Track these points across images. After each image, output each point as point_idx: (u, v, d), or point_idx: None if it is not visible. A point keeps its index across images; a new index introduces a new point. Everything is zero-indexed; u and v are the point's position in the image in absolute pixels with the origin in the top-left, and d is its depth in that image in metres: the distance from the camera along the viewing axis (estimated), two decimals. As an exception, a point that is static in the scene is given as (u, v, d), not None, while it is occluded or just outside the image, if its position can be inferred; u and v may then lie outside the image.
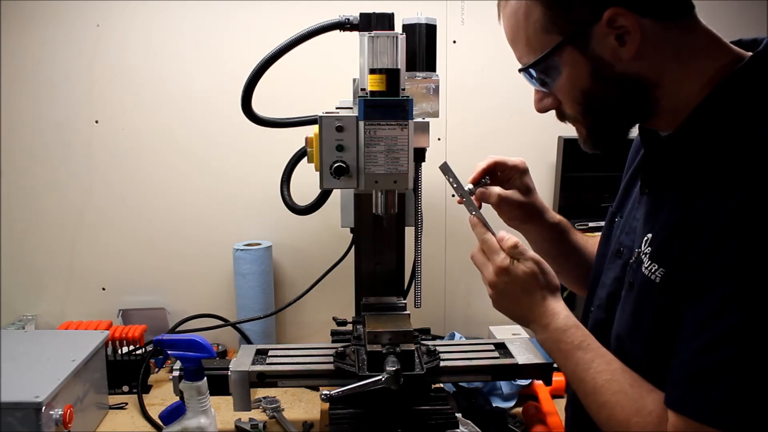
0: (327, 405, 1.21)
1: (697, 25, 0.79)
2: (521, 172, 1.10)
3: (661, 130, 0.84)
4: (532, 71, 0.83)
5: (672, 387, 0.72)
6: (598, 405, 0.80)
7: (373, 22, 1.23)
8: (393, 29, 1.23)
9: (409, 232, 1.46)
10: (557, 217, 1.15)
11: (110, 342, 1.60)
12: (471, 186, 1.05)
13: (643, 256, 0.81)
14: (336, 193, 1.55)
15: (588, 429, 0.90)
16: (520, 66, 0.85)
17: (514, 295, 0.91)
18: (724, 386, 0.66)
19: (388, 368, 1.10)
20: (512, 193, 1.08)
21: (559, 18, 0.78)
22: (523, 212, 1.08)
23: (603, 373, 0.80)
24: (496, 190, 1.06)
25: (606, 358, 0.82)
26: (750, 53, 0.77)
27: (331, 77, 1.73)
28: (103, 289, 1.90)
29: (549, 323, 0.88)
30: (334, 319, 1.47)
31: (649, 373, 0.78)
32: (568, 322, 0.87)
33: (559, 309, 0.89)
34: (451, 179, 1.02)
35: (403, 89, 1.09)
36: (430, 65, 1.29)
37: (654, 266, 0.78)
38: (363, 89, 1.12)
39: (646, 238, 0.82)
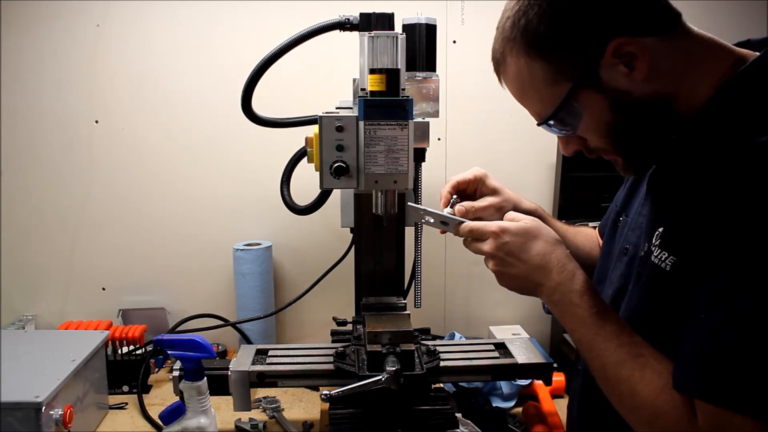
0: (327, 405, 1.21)
1: (690, 30, 0.79)
2: (483, 179, 1.10)
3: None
4: (552, 123, 0.83)
5: (680, 368, 0.71)
6: (620, 378, 0.77)
7: (373, 22, 1.23)
8: (393, 29, 1.23)
9: (409, 232, 1.46)
10: (532, 205, 1.14)
11: (110, 342, 1.61)
12: (449, 209, 1.04)
13: (653, 248, 0.81)
14: (336, 193, 1.55)
15: (599, 425, 0.90)
16: (537, 121, 0.85)
17: (515, 257, 0.88)
18: (735, 366, 0.65)
19: (388, 368, 1.10)
20: (486, 201, 1.08)
21: (564, 65, 0.78)
22: (501, 213, 1.06)
23: (627, 345, 0.78)
24: (470, 205, 1.05)
25: (627, 329, 0.80)
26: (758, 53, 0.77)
27: (331, 77, 1.73)
28: (103, 289, 1.90)
29: (562, 283, 0.85)
30: (334, 319, 1.47)
31: None
32: (587, 285, 0.85)
33: (571, 266, 0.87)
34: (423, 212, 1.01)
35: (403, 89, 1.09)
36: (430, 65, 1.29)
37: (664, 254, 0.78)
38: (363, 89, 1.12)
39: (657, 232, 0.82)
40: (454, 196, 1.08)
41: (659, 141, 0.81)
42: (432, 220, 1.01)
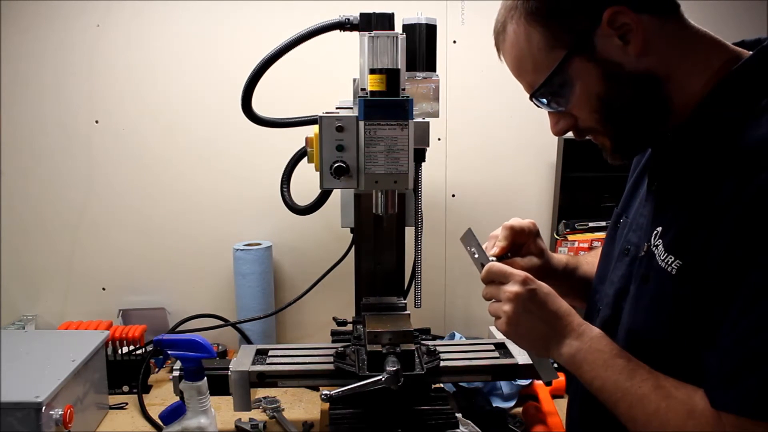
0: (327, 405, 1.21)
1: (687, 22, 0.80)
2: (534, 235, 1.06)
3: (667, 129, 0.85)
4: (544, 95, 0.83)
5: (711, 384, 0.71)
6: (648, 414, 0.77)
7: (373, 22, 1.23)
8: (393, 29, 1.23)
9: (409, 232, 1.46)
10: (563, 260, 1.12)
11: (110, 342, 1.60)
12: (494, 259, 1.00)
13: (654, 249, 0.81)
14: (336, 193, 1.55)
15: (600, 427, 0.90)
16: (529, 92, 0.85)
17: (540, 305, 0.87)
18: (762, 376, 0.65)
19: (388, 368, 1.10)
20: (532, 261, 1.05)
21: (560, 32, 0.79)
22: (540, 275, 1.02)
23: (648, 380, 0.78)
24: (522, 263, 1.02)
25: (645, 366, 0.80)
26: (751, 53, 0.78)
27: (331, 77, 1.73)
28: (103, 289, 1.90)
29: (584, 332, 0.85)
30: (334, 319, 1.47)
31: (668, 366, 0.78)
32: (602, 333, 0.86)
33: (586, 322, 0.88)
34: (473, 249, 0.98)
35: (403, 89, 1.09)
36: (430, 65, 1.29)
37: (670, 258, 0.78)
38: (363, 89, 1.12)
39: (655, 231, 0.82)
40: (509, 253, 1.03)
41: (648, 121, 0.81)
42: (476, 256, 0.99)
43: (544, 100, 0.85)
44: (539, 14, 0.80)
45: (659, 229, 0.82)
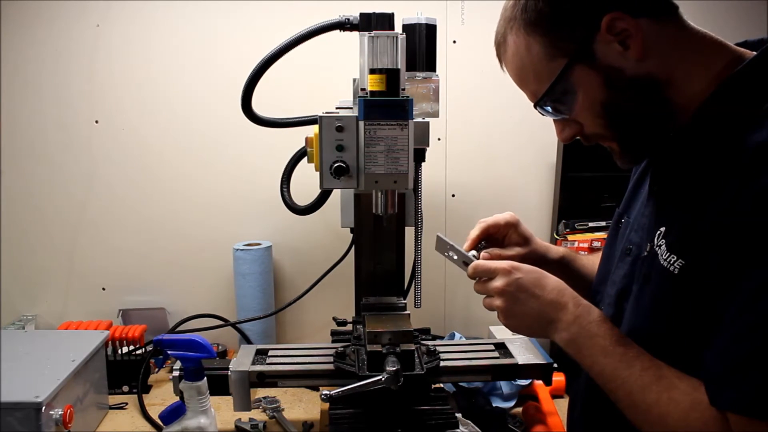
0: (327, 405, 1.21)
1: (687, 24, 0.80)
2: (514, 225, 1.08)
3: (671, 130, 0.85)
4: (548, 103, 0.84)
5: (710, 382, 0.71)
6: (648, 404, 0.77)
7: (373, 22, 1.23)
8: (393, 29, 1.23)
9: (409, 232, 1.46)
10: (560, 251, 1.13)
11: (110, 342, 1.61)
12: (474, 252, 1.02)
13: (657, 249, 0.82)
14: (336, 193, 1.55)
15: (603, 427, 0.90)
16: (533, 102, 0.86)
17: (530, 293, 0.88)
18: (760, 374, 0.66)
19: (388, 368, 1.10)
20: (513, 251, 1.06)
21: (560, 41, 0.79)
22: (530, 262, 1.03)
23: (650, 369, 0.78)
24: (497, 252, 1.04)
25: (646, 354, 0.80)
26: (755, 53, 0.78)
27: (331, 77, 1.73)
28: (103, 289, 1.90)
29: (581, 315, 0.85)
30: (334, 319, 1.47)
31: (669, 364, 0.77)
32: (603, 316, 0.85)
33: (586, 302, 0.87)
34: (449, 247, 0.99)
35: (403, 89, 1.09)
36: (430, 65, 1.29)
37: (672, 257, 0.78)
38: (363, 89, 1.12)
39: (659, 231, 0.82)
40: (482, 242, 1.05)
41: (653, 124, 0.82)
42: (455, 257, 1.00)
43: (549, 109, 0.85)
44: (538, 24, 0.80)
45: (662, 229, 0.82)
